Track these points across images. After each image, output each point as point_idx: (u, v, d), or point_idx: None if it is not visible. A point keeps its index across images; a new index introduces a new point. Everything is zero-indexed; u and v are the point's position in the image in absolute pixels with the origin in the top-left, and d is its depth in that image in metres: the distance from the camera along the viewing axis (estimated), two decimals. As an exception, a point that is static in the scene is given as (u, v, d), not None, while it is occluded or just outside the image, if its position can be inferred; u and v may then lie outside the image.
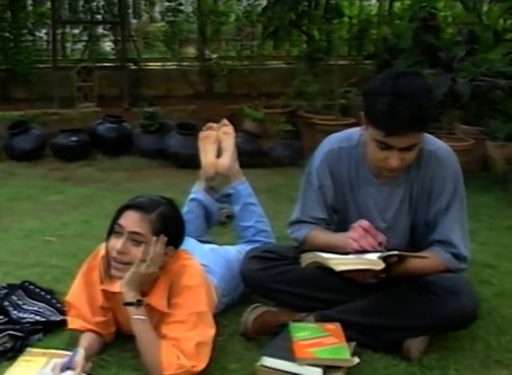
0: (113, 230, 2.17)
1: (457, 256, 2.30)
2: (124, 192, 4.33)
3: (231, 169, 3.02)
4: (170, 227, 2.18)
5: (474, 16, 6.13)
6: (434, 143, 2.34)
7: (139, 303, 2.11)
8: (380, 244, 2.21)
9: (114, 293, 2.24)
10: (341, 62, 6.87)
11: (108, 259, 2.20)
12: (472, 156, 4.46)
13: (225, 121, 3.11)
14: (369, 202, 2.39)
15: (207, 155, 3.03)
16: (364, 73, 6.56)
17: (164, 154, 5.09)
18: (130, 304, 2.11)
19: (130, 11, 6.22)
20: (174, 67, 6.63)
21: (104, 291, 2.26)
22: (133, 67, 6.30)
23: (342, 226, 2.43)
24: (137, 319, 2.10)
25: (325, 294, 2.42)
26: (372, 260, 2.12)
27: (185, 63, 6.68)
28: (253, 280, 2.47)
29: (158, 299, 2.17)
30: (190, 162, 5.03)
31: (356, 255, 2.19)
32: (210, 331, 2.16)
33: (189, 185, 4.46)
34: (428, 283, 2.28)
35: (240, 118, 6.16)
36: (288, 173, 4.83)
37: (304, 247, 2.45)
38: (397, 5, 7.32)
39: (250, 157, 4.53)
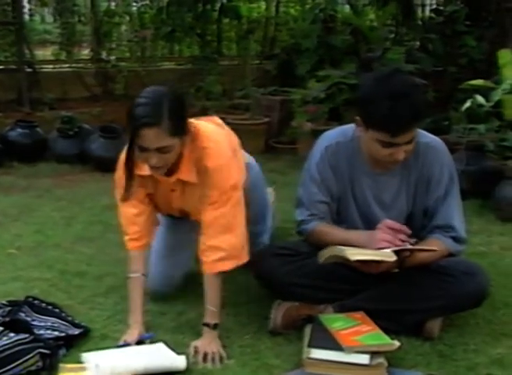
0: (137, 149, 2.24)
1: (458, 239, 2.48)
2: (60, 199, 4.17)
3: None
4: (182, 114, 2.28)
5: (363, 18, 6.51)
6: (427, 136, 2.53)
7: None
8: (409, 236, 2.34)
9: (143, 176, 2.41)
10: (235, 62, 7.01)
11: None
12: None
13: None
14: (366, 192, 2.52)
15: None
16: (260, 73, 6.74)
17: (84, 158, 4.91)
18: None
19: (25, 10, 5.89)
20: (69, 69, 6.40)
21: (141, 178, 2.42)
22: (28, 70, 5.99)
23: (340, 216, 2.56)
24: None
25: (343, 285, 2.51)
26: (386, 252, 2.25)
27: (80, 65, 6.47)
28: (273, 276, 2.51)
29: (187, 173, 2.38)
30: (114, 165, 4.91)
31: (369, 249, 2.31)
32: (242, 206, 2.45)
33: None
34: (441, 267, 2.43)
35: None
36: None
37: (310, 240, 2.54)
38: (283, 7, 7.59)
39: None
